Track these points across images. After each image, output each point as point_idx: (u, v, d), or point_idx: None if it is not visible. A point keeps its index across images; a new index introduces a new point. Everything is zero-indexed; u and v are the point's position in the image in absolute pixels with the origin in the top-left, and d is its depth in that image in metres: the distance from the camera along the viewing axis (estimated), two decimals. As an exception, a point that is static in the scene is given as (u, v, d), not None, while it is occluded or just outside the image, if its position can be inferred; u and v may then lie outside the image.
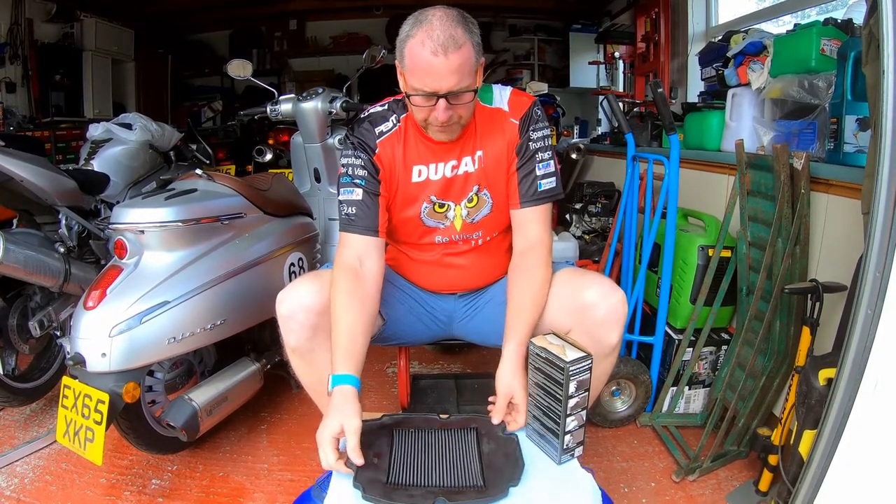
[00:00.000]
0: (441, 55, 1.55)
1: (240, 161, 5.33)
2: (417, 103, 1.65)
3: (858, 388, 1.39)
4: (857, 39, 2.12)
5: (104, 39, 6.28)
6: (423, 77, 1.59)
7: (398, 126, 1.84)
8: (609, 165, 4.59)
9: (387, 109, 1.87)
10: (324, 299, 1.68)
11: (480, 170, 1.85)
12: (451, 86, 1.59)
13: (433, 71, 1.57)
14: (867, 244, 1.39)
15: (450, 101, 1.62)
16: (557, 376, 1.46)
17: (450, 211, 1.88)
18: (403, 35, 1.62)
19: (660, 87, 2.57)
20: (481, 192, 1.87)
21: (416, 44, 1.57)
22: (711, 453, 2.32)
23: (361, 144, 1.81)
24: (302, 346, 1.74)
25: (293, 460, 2.45)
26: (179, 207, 2.12)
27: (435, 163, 1.84)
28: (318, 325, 1.70)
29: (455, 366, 3.34)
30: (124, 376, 1.97)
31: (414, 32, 1.58)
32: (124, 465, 2.39)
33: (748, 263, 2.43)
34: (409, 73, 1.63)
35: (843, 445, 1.44)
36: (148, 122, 3.77)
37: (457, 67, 1.57)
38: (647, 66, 5.28)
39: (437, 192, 1.86)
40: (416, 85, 1.61)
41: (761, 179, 2.32)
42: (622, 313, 1.69)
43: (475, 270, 2.00)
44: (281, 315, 1.72)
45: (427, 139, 1.81)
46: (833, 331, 1.95)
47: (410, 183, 1.85)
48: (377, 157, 1.81)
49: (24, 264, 2.39)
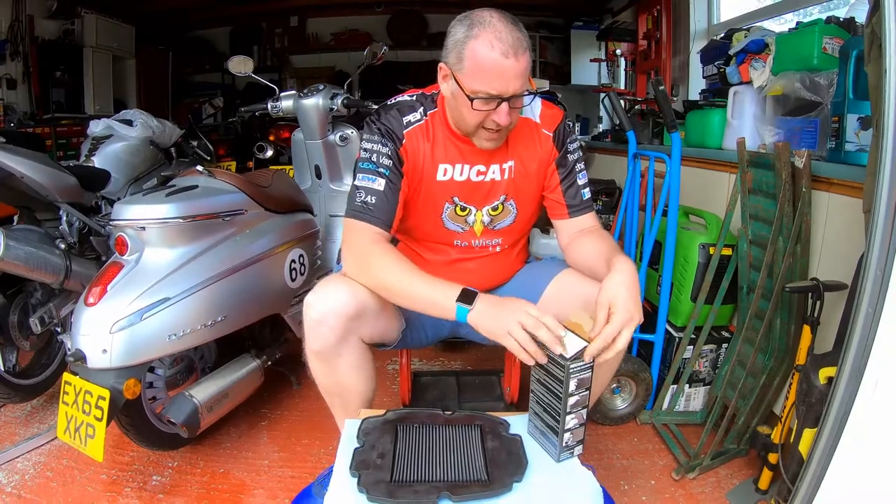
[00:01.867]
0: (512, 57, 1.53)
1: (241, 158, 5.33)
2: (479, 107, 1.60)
3: (859, 387, 1.39)
4: (859, 38, 2.13)
5: (105, 36, 6.28)
6: (490, 79, 1.56)
7: (425, 120, 1.80)
8: (610, 163, 4.59)
9: (415, 101, 1.83)
10: (357, 303, 1.64)
11: (510, 180, 1.85)
12: (517, 88, 1.58)
13: (503, 73, 1.54)
14: (868, 242, 1.39)
15: (511, 105, 1.61)
16: (558, 374, 1.46)
17: (470, 215, 1.87)
18: (461, 36, 1.57)
19: (661, 85, 2.57)
20: (508, 202, 1.87)
21: (481, 45, 1.54)
22: (711, 451, 2.32)
23: (389, 132, 1.76)
24: (329, 351, 1.68)
25: (294, 457, 2.45)
26: (180, 204, 2.11)
27: (462, 163, 1.82)
28: (348, 329, 1.66)
29: (456, 363, 3.34)
30: (125, 373, 1.97)
31: (476, 34, 1.55)
32: (125, 461, 2.39)
33: (749, 262, 2.43)
34: (470, 75, 1.58)
35: (844, 444, 1.44)
36: (149, 119, 3.76)
37: (524, 70, 1.57)
38: (649, 63, 5.27)
39: (459, 194, 1.84)
40: (480, 87, 1.57)
41: (762, 178, 2.32)
42: None
43: (486, 274, 2.00)
44: (311, 319, 1.65)
45: (456, 138, 1.80)
46: (834, 329, 1.95)
47: (435, 181, 1.82)
48: (403, 149, 1.76)
49: (25, 261, 2.38)
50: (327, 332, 1.64)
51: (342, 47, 7.95)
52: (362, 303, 1.66)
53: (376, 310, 1.73)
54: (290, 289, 2.56)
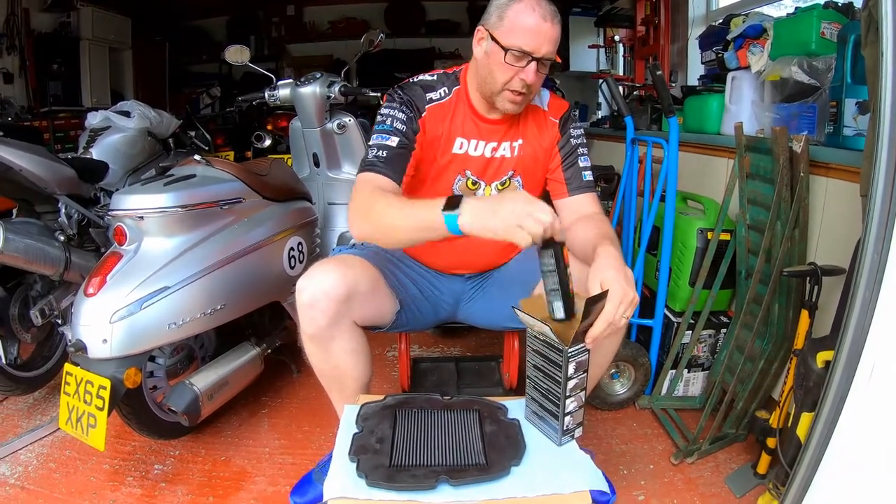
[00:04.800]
0: (549, 21, 1.66)
1: (238, 147, 5.33)
2: (510, 62, 1.69)
3: (856, 371, 1.40)
4: (857, 23, 2.12)
5: (101, 28, 6.25)
6: (526, 36, 1.66)
7: (450, 97, 1.89)
8: (609, 149, 4.58)
9: (436, 80, 1.92)
10: (347, 285, 1.68)
11: (518, 158, 1.94)
12: (548, 51, 1.69)
13: (539, 33, 1.66)
14: (865, 226, 1.40)
15: (539, 66, 1.71)
16: (556, 358, 1.46)
17: (480, 189, 1.94)
18: (504, 0, 1.69)
19: (659, 70, 2.56)
20: (514, 178, 1.95)
21: (524, 7, 1.66)
22: (710, 436, 2.33)
23: (410, 102, 1.84)
24: (322, 334, 1.71)
25: (294, 444, 2.47)
26: (178, 193, 2.12)
27: (477, 139, 1.91)
28: (340, 312, 1.69)
29: (455, 349, 3.35)
30: (125, 362, 1.98)
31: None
32: (127, 450, 2.40)
33: (747, 246, 2.43)
34: (508, 31, 1.68)
35: (841, 428, 1.45)
36: (146, 110, 3.76)
37: (555, 36, 1.69)
38: (647, 49, 5.25)
39: (473, 169, 1.92)
40: (517, 42, 1.67)
41: (760, 162, 2.32)
42: None
43: (487, 251, 2.05)
44: (302, 303, 1.68)
45: (476, 115, 1.90)
46: (832, 314, 1.96)
47: (450, 153, 1.90)
48: (422, 120, 1.84)
49: (25, 253, 2.39)
50: (319, 316, 1.67)
51: (339, 35, 7.90)
52: (352, 284, 1.69)
53: (368, 291, 1.77)
54: (289, 276, 2.57)
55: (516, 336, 2.21)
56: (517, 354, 2.21)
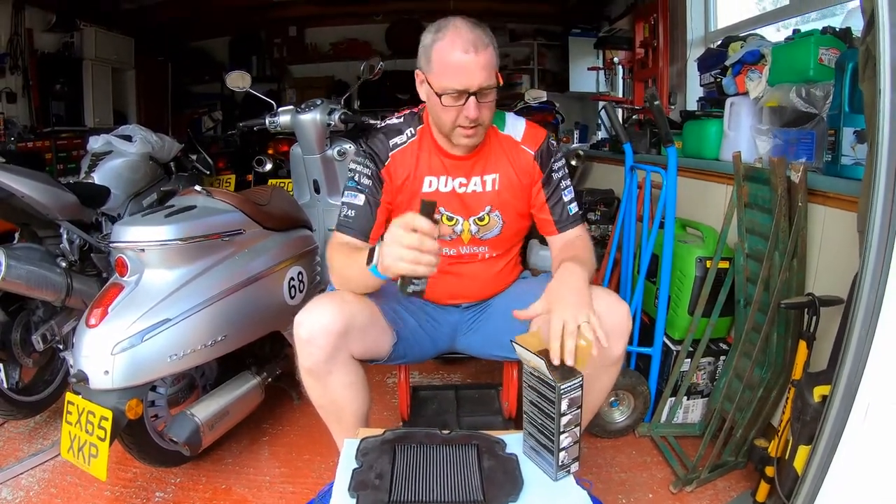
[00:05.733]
0: (472, 52, 1.64)
1: (240, 171, 5.35)
2: (448, 103, 1.70)
3: (851, 409, 1.41)
4: (855, 50, 2.12)
5: (104, 48, 6.29)
6: (455, 75, 1.66)
7: (413, 139, 1.92)
8: (608, 172, 4.60)
9: (402, 122, 1.95)
10: (344, 320, 1.68)
11: (495, 192, 1.93)
12: (481, 82, 1.67)
13: (466, 68, 1.65)
14: (862, 264, 1.40)
15: (479, 99, 1.70)
16: (549, 395, 1.47)
17: (458, 225, 1.95)
18: (428, 41, 1.71)
19: (657, 100, 2.57)
20: (493, 212, 1.95)
21: (445, 45, 1.67)
22: (709, 464, 2.32)
23: (372, 155, 1.89)
24: (319, 369, 1.72)
25: (295, 472, 2.46)
26: (179, 225, 2.13)
27: (445, 176, 1.92)
28: (337, 346, 1.69)
29: (455, 376, 3.35)
30: (127, 393, 1.99)
31: (441, 36, 1.68)
32: (128, 477, 2.40)
33: (746, 275, 2.44)
34: (438, 73, 1.70)
35: (837, 463, 1.45)
36: (148, 134, 3.79)
37: (486, 64, 1.67)
38: (646, 71, 5.28)
39: (445, 205, 1.92)
40: (448, 84, 1.68)
41: (758, 192, 2.33)
42: (626, 326, 1.72)
43: (480, 281, 2.06)
44: (300, 338, 1.69)
45: (441, 153, 1.91)
46: (830, 343, 1.95)
47: (420, 193, 1.90)
48: (386, 169, 1.88)
49: (27, 280, 2.40)
50: (316, 351, 1.68)
51: (341, 57, 7.98)
52: (349, 319, 1.70)
53: (364, 325, 1.78)
54: (289, 306, 2.57)
55: (515, 365, 2.21)
56: (516, 384, 2.21)
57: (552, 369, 1.45)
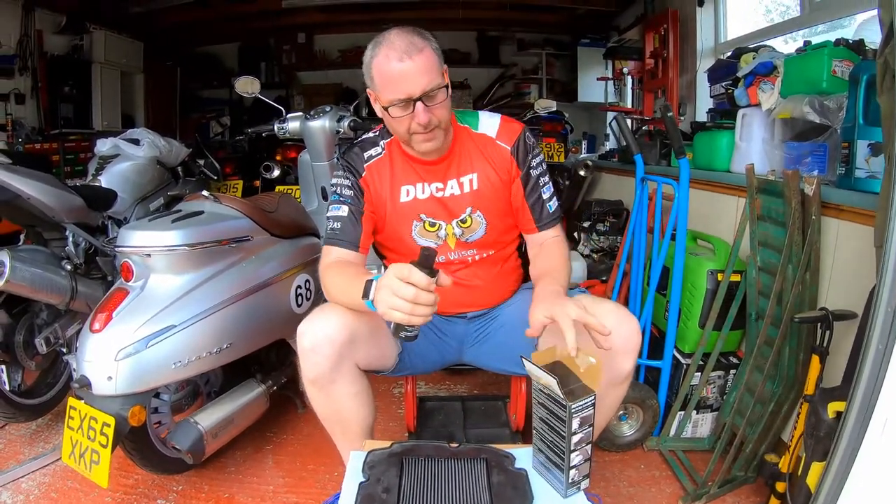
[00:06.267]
0: (407, 59, 1.64)
1: (247, 176, 5.36)
2: (396, 114, 1.71)
3: (868, 425, 1.38)
4: (869, 62, 2.11)
5: (113, 52, 6.29)
6: (395, 86, 1.67)
7: (385, 152, 1.93)
8: (617, 183, 4.58)
9: (377, 136, 1.97)
10: (349, 329, 1.67)
11: (475, 192, 1.92)
12: (423, 86, 1.66)
13: (403, 76, 1.65)
14: (879, 278, 1.38)
15: (426, 103, 1.69)
16: (560, 413, 1.45)
17: (441, 230, 1.94)
18: (367, 60, 1.72)
19: (670, 111, 2.56)
20: (475, 213, 1.93)
21: (381, 60, 1.67)
22: (719, 479, 2.29)
23: (348, 167, 1.91)
24: (323, 378, 1.70)
25: (299, 482, 2.44)
26: (186, 230, 2.12)
27: (421, 183, 1.92)
28: (342, 356, 1.68)
29: (462, 387, 3.33)
30: (130, 400, 1.97)
31: (376, 52, 1.69)
32: (130, 484, 2.39)
33: (758, 289, 2.41)
34: (381, 88, 1.70)
35: (852, 481, 1.42)
36: (156, 138, 3.79)
37: (424, 68, 1.66)
38: (656, 82, 5.27)
39: (425, 211, 1.92)
40: (391, 96, 1.68)
41: (772, 205, 2.31)
42: (636, 342, 1.69)
43: (478, 287, 2.03)
44: (304, 348, 1.67)
45: (413, 160, 1.91)
46: (843, 357, 1.93)
47: (399, 202, 1.91)
48: (363, 180, 1.89)
49: (31, 282, 2.40)
50: (321, 360, 1.66)
51: (350, 64, 7.93)
52: (354, 329, 1.68)
53: (368, 335, 1.76)
54: (295, 314, 2.55)
55: (523, 378, 2.19)
56: (524, 397, 2.19)
57: (564, 387, 1.43)
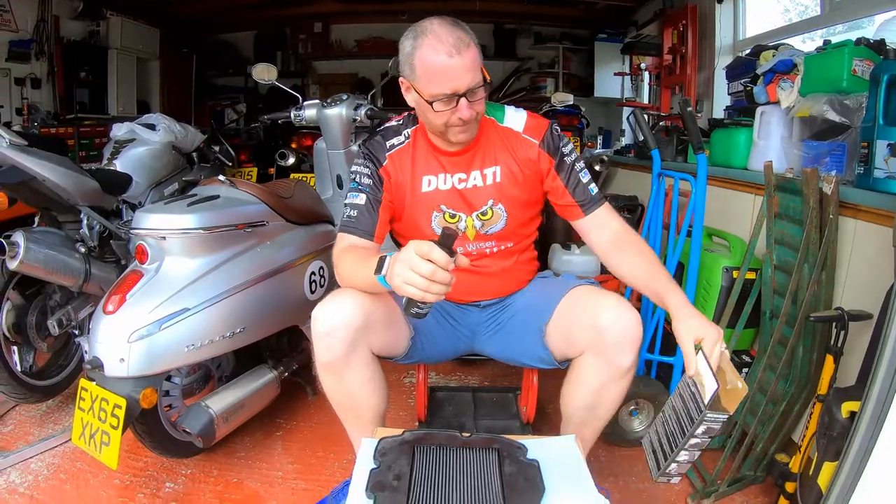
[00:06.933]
0: (456, 55, 1.63)
1: (262, 164, 5.36)
2: (439, 108, 1.70)
3: (883, 426, 1.36)
4: (890, 62, 2.10)
5: (130, 38, 6.32)
6: (443, 80, 1.65)
7: (409, 140, 1.92)
8: (632, 178, 4.56)
9: (401, 124, 1.96)
10: (364, 313, 1.67)
11: (497, 185, 1.91)
12: (469, 82, 1.67)
13: (452, 71, 1.64)
14: (898, 278, 1.37)
15: (469, 98, 1.69)
16: (694, 413, 1.48)
17: (461, 222, 1.93)
18: (409, 49, 1.70)
19: (689, 106, 2.55)
20: (496, 206, 1.92)
21: (427, 52, 1.65)
22: (728, 477, 2.28)
23: (370, 156, 1.90)
24: (338, 363, 1.69)
25: (308, 469, 2.44)
26: (202, 214, 2.12)
27: (444, 174, 1.91)
28: (356, 340, 1.68)
29: (473, 378, 3.32)
30: (142, 382, 1.98)
31: (420, 43, 1.66)
32: (139, 466, 2.39)
33: (773, 287, 2.39)
34: (425, 80, 1.68)
35: (865, 482, 1.41)
36: (172, 124, 3.79)
37: (471, 64, 1.66)
38: (674, 78, 5.23)
39: (446, 202, 1.91)
40: (436, 90, 1.67)
41: (789, 203, 2.29)
42: (636, 335, 1.70)
43: (494, 277, 2.02)
44: (318, 332, 1.67)
45: (437, 151, 1.90)
46: (857, 358, 1.93)
47: (420, 192, 1.91)
48: (384, 169, 1.88)
49: (45, 264, 2.41)
50: (336, 344, 1.66)
51: (366, 54, 7.95)
52: (369, 312, 1.68)
53: (383, 319, 1.77)
54: (309, 301, 2.55)
55: (535, 371, 2.18)
56: (536, 389, 2.18)
57: (715, 394, 1.45)
